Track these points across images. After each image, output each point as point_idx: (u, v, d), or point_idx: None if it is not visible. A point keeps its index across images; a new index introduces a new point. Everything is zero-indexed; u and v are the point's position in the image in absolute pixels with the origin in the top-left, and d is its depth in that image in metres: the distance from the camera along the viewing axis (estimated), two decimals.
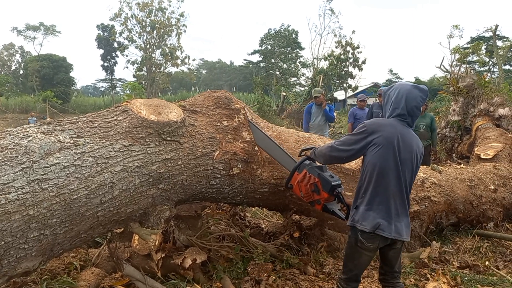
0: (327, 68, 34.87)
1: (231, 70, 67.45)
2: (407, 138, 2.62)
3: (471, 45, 33.10)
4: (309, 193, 3.01)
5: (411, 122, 2.69)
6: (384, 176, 2.57)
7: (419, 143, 2.72)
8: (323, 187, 2.91)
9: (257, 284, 3.50)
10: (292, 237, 4.13)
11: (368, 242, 2.57)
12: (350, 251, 2.71)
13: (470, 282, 3.63)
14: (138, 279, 3.30)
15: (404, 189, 2.61)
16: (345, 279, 2.73)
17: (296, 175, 3.10)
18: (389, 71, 68.32)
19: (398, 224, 2.58)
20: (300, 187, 3.06)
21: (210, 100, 3.61)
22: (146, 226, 2.94)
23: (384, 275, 2.80)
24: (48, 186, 2.29)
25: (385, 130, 2.60)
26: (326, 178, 2.91)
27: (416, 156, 2.67)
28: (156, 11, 42.44)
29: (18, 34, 55.58)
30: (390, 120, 2.67)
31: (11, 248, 2.19)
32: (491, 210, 5.01)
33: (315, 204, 3.03)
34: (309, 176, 2.99)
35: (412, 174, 2.67)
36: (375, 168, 2.58)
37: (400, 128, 2.62)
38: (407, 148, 2.60)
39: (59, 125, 2.62)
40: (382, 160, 2.56)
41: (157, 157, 2.88)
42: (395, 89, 2.72)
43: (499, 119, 8.05)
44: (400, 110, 2.65)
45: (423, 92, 2.67)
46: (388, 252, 2.71)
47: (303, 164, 3.07)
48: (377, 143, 2.58)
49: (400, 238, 2.59)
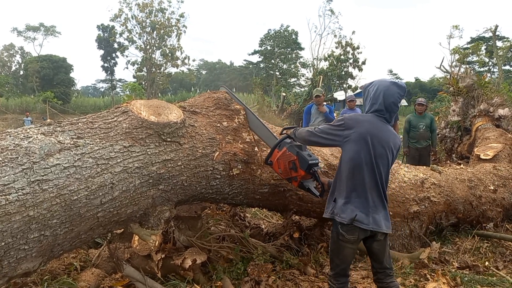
0: (327, 69, 34.87)
1: (231, 70, 67.51)
2: (383, 134, 2.71)
3: (471, 45, 33.17)
4: (287, 170, 3.09)
5: (389, 117, 2.77)
6: (359, 170, 2.65)
7: (396, 139, 2.80)
8: (300, 165, 3.01)
9: (257, 284, 3.50)
10: (292, 237, 4.13)
11: (348, 234, 2.65)
12: (334, 246, 2.79)
13: (470, 283, 3.63)
14: (138, 279, 3.30)
15: (380, 182, 2.70)
16: (333, 275, 2.81)
17: (276, 152, 3.18)
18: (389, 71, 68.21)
19: (376, 216, 2.67)
20: (279, 164, 3.14)
21: (210, 101, 3.62)
22: (146, 226, 2.94)
23: (376, 274, 2.85)
24: (48, 187, 2.30)
25: (361, 125, 2.68)
26: (304, 157, 3.01)
27: (392, 151, 2.75)
28: (156, 12, 42.47)
29: (18, 35, 55.68)
30: (368, 116, 2.76)
31: (12, 249, 2.20)
32: (490, 210, 5.02)
33: (292, 180, 3.14)
34: (288, 154, 3.08)
35: (388, 168, 2.77)
36: (351, 162, 2.67)
37: (376, 124, 2.71)
38: (382, 143, 2.68)
39: (59, 126, 2.63)
40: (357, 155, 2.65)
41: (157, 158, 2.89)
42: (374, 85, 2.80)
43: (499, 120, 8.06)
44: (378, 106, 2.72)
45: (401, 89, 2.75)
46: (372, 246, 2.77)
47: (284, 142, 3.16)
48: (353, 138, 2.66)
49: (379, 229, 2.67)
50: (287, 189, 3.72)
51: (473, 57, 34.41)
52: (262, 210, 5.27)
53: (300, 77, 52.16)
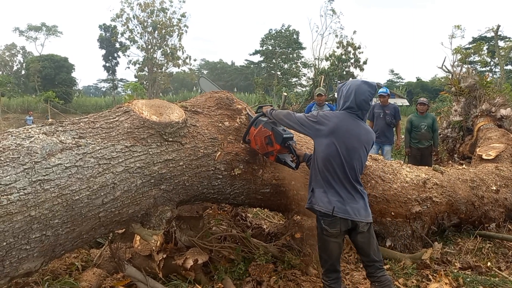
0: (328, 69, 34.75)
1: (232, 70, 67.48)
2: (355, 129, 2.87)
3: (473, 45, 33.09)
4: (263, 145, 3.23)
5: (361, 114, 2.93)
6: (330, 163, 2.81)
7: (368, 133, 2.96)
8: (276, 139, 3.16)
9: (259, 285, 3.50)
10: (294, 238, 4.12)
11: (331, 227, 2.79)
12: (320, 242, 2.92)
13: (472, 283, 3.62)
14: (139, 279, 3.30)
15: (351, 174, 2.83)
16: (324, 272, 2.93)
17: (253, 130, 3.32)
18: (390, 71, 68.29)
19: (354, 206, 2.80)
20: (256, 141, 3.28)
21: (211, 101, 3.61)
22: (147, 226, 2.94)
23: (366, 268, 2.95)
24: (50, 187, 2.29)
25: (332, 121, 2.85)
26: (278, 131, 3.16)
27: (364, 146, 2.90)
28: (158, 12, 42.46)
29: (20, 35, 55.76)
30: (340, 113, 2.93)
31: (13, 249, 2.19)
32: (493, 211, 5.00)
33: (269, 155, 3.29)
34: (264, 130, 3.23)
35: (361, 162, 2.90)
36: (322, 155, 2.84)
37: (348, 120, 2.88)
38: (353, 138, 2.84)
39: (61, 126, 2.62)
40: (327, 149, 2.81)
41: (159, 158, 2.88)
42: (346, 85, 2.99)
43: (501, 120, 8.04)
44: (349, 103, 2.90)
45: (372, 87, 2.91)
46: (357, 239, 2.89)
47: (259, 119, 3.31)
48: (324, 133, 2.84)
49: (359, 218, 2.79)
50: (289, 189, 3.71)
51: (475, 57, 34.32)
52: (264, 210, 5.26)
53: (302, 77, 52.13)
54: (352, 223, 2.80)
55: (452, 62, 10.40)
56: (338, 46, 37.65)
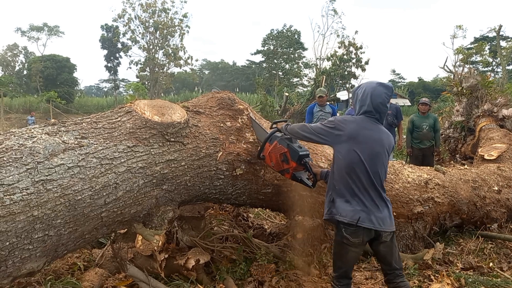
0: (330, 69, 34.76)
1: (234, 70, 67.48)
2: (375, 133, 2.75)
3: (475, 45, 33.04)
4: (279, 162, 3.14)
5: (380, 118, 2.81)
6: (353, 170, 2.67)
7: (389, 138, 2.84)
8: (291, 157, 3.06)
9: (260, 285, 3.50)
10: (295, 238, 4.11)
11: (353, 237, 2.65)
12: (337, 249, 2.78)
13: (474, 284, 3.61)
14: (141, 279, 3.31)
15: (376, 181, 2.70)
16: (336, 277, 2.80)
17: (268, 146, 3.22)
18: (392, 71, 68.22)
19: (379, 215, 2.67)
20: (271, 157, 3.18)
21: (213, 101, 3.62)
22: (149, 226, 2.95)
23: (386, 275, 2.82)
24: (52, 187, 2.30)
25: (350, 126, 2.73)
26: (294, 149, 3.06)
27: (386, 150, 2.79)
28: (159, 12, 42.50)
29: (22, 35, 55.66)
30: (357, 117, 2.81)
31: (16, 248, 2.20)
32: (495, 211, 4.99)
33: (284, 173, 3.18)
34: (279, 147, 3.12)
35: (384, 167, 2.79)
36: (343, 162, 2.71)
37: (365, 125, 2.75)
38: (375, 142, 2.72)
39: (64, 126, 2.63)
40: (348, 155, 2.68)
41: (161, 158, 2.89)
42: (361, 88, 2.86)
43: (503, 120, 8.02)
44: (366, 107, 2.78)
45: (388, 89, 2.80)
46: (379, 248, 2.76)
47: (274, 135, 3.21)
48: (344, 139, 2.71)
49: (383, 228, 2.66)
50: (291, 189, 3.71)
51: (477, 57, 34.29)
52: (265, 210, 5.26)
53: (303, 77, 52.16)
54: (376, 232, 2.67)
55: (454, 62, 10.43)
56: (339, 46, 37.66)
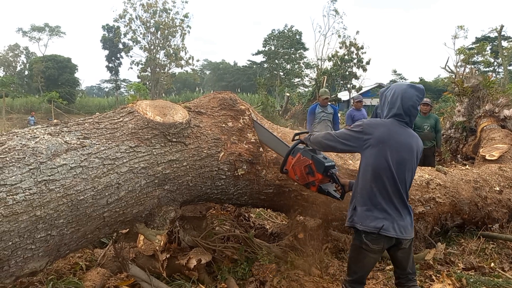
0: (331, 69, 34.78)
1: (235, 70, 67.47)
2: (405, 138, 2.61)
3: (476, 45, 32.98)
4: (304, 175, 3.04)
5: (409, 121, 2.67)
6: (379, 176, 2.56)
7: (419, 142, 2.71)
8: (317, 169, 2.95)
9: (262, 285, 3.50)
10: (297, 238, 4.12)
11: (373, 243, 2.57)
12: (354, 253, 2.70)
13: (476, 284, 3.62)
14: (143, 279, 3.32)
15: (402, 188, 2.60)
16: (350, 281, 2.72)
17: (290, 159, 3.12)
18: (393, 71, 68.05)
19: (401, 223, 2.58)
20: (295, 171, 3.08)
21: (215, 102, 3.62)
22: (151, 226, 2.95)
23: (398, 278, 2.79)
24: (55, 187, 2.31)
25: (380, 130, 2.59)
26: (319, 160, 2.95)
27: (416, 155, 2.66)
28: (161, 12, 42.55)
29: (23, 35, 55.76)
30: (386, 121, 2.67)
31: (19, 248, 2.21)
32: (496, 211, 4.99)
33: (310, 186, 3.06)
34: (303, 159, 3.02)
35: (411, 174, 2.66)
36: (370, 168, 2.58)
37: (396, 128, 2.62)
38: (404, 147, 2.59)
39: (66, 127, 2.64)
40: (376, 161, 2.56)
41: (163, 158, 2.90)
42: (391, 90, 2.71)
43: (504, 120, 8.02)
44: (396, 110, 2.63)
45: (420, 91, 2.65)
46: (397, 254, 2.70)
47: (297, 148, 3.11)
48: (372, 143, 2.58)
49: (405, 236, 2.59)
50: (292, 189, 3.72)
51: (478, 57, 34.22)
52: (267, 210, 5.27)
53: (304, 77, 52.14)
54: (396, 240, 2.59)
55: (455, 63, 10.41)
56: (341, 46, 37.72)
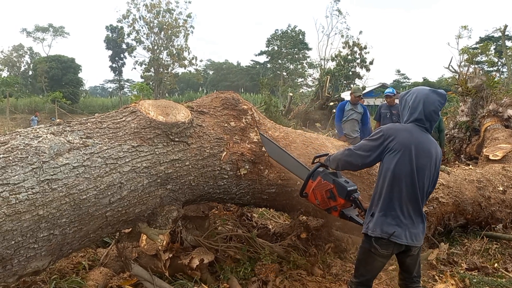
0: (334, 69, 34.72)
1: (238, 70, 67.47)
2: (425, 144, 2.57)
3: (480, 45, 32.88)
4: (325, 200, 2.94)
5: (429, 127, 2.63)
6: (398, 182, 2.52)
7: (438, 148, 2.66)
8: (339, 193, 2.84)
9: (264, 284, 3.50)
10: (299, 238, 4.12)
11: (382, 248, 2.55)
12: (363, 256, 2.68)
13: (479, 284, 3.61)
14: (146, 279, 3.32)
15: (420, 196, 2.56)
16: (356, 283, 2.71)
17: (311, 183, 3.01)
18: (397, 71, 68.00)
19: (414, 231, 2.55)
20: (316, 195, 2.99)
21: (217, 101, 3.62)
22: (154, 226, 2.96)
23: (403, 280, 2.79)
24: (57, 186, 2.31)
25: (401, 135, 2.55)
26: (341, 184, 2.84)
27: (436, 163, 2.62)
28: (164, 12, 42.58)
29: (27, 36, 55.89)
30: (407, 125, 2.62)
31: (21, 247, 2.21)
32: (500, 211, 4.97)
33: (331, 211, 2.96)
34: (324, 183, 2.92)
35: (430, 181, 2.62)
36: (390, 174, 2.54)
37: (417, 134, 2.57)
38: (424, 154, 2.55)
39: (69, 126, 2.65)
40: (397, 166, 2.51)
41: (165, 158, 2.90)
42: (412, 94, 2.67)
43: (508, 120, 8.00)
44: (417, 115, 2.59)
45: (442, 97, 2.61)
46: (406, 259, 2.69)
47: (317, 171, 3.00)
48: (393, 148, 2.53)
49: (415, 244, 2.57)
50: (295, 189, 3.71)
51: (482, 57, 34.11)
52: (269, 210, 5.26)
53: (307, 77, 52.10)
54: (406, 247, 2.58)
55: (459, 62, 10.37)
56: (344, 46, 37.64)
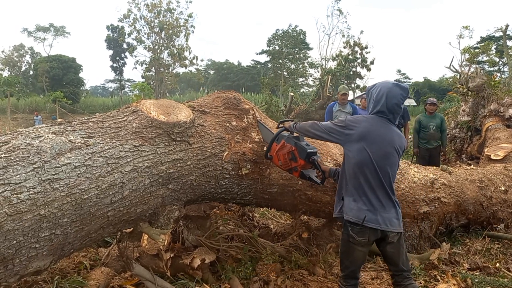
0: (335, 69, 34.65)
1: (239, 70, 67.43)
2: (387, 134, 2.74)
3: (481, 45, 32.86)
4: (287, 161, 3.14)
5: (393, 118, 2.80)
6: (362, 170, 2.69)
7: (401, 138, 2.84)
8: (299, 155, 3.06)
9: (266, 284, 3.50)
10: (301, 237, 4.12)
11: (359, 236, 2.67)
12: (344, 248, 2.80)
13: (481, 284, 3.60)
14: (147, 278, 3.32)
15: (386, 181, 2.71)
16: (343, 277, 2.81)
17: (275, 146, 3.22)
18: (398, 71, 67.97)
19: (385, 215, 2.69)
20: (279, 157, 3.18)
21: (219, 101, 3.62)
22: (155, 226, 2.96)
23: (394, 277, 2.83)
24: (59, 186, 2.31)
25: (362, 125, 2.74)
26: (302, 146, 3.06)
27: (398, 151, 2.79)
28: (165, 12, 42.55)
29: (28, 35, 55.95)
30: (369, 117, 2.81)
31: (23, 247, 2.21)
32: (501, 211, 4.96)
33: (292, 171, 3.17)
34: (286, 146, 3.13)
35: (395, 168, 2.79)
36: (353, 161, 2.72)
37: (378, 124, 2.75)
38: (386, 143, 2.72)
39: (70, 126, 2.64)
40: (359, 155, 2.69)
41: (167, 158, 2.90)
42: (376, 87, 2.84)
43: (509, 120, 7.99)
44: (380, 107, 2.77)
45: (404, 90, 2.78)
46: (386, 249, 2.77)
47: (281, 135, 3.22)
48: (354, 138, 2.72)
49: (390, 229, 2.67)
50: (296, 189, 3.71)
51: (483, 57, 34.08)
52: (271, 210, 5.26)
53: (308, 77, 52.07)
54: (382, 233, 2.67)
55: (460, 62, 10.37)
56: (345, 46, 37.58)
